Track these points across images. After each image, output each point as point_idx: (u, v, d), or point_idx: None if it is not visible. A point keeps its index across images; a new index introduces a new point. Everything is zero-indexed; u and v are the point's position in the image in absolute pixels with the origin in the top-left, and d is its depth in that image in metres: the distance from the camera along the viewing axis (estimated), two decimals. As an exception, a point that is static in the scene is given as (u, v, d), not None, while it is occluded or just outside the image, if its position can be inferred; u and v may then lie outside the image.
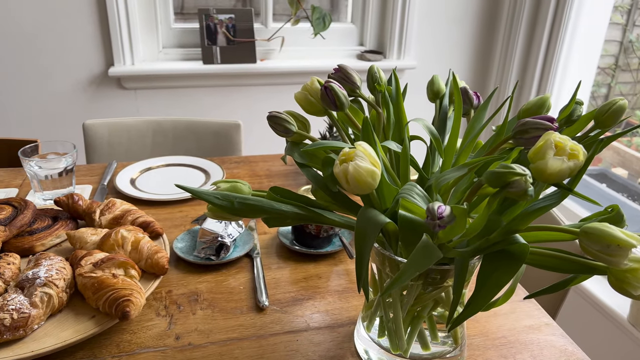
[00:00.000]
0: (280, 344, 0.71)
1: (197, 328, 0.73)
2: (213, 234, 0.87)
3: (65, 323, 0.70)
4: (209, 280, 0.84)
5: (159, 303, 0.78)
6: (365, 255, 0.53)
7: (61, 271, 0.72)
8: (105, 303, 0.69)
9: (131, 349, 0.69)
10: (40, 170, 1.02)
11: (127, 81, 1.91)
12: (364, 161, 0.47)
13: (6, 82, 1.86)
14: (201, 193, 0.56)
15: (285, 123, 0.62)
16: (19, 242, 0.83)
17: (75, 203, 0.90)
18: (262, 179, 1.23)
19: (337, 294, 0.82)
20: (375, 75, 0.67)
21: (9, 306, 0.66)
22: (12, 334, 0.65)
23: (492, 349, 0.72)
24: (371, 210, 0.53)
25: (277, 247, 0.94)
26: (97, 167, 1.25)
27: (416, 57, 2.20)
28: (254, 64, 1.98)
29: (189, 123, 1.50)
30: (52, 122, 1.93)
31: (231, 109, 2.07)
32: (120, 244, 0.81)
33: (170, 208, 1.06)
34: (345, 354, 0.70)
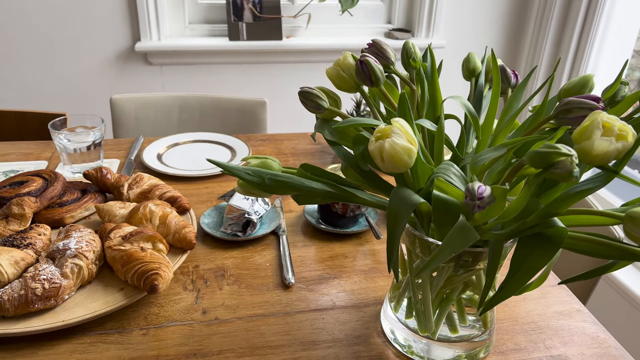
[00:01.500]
0: (306, 321, 0.71)
1: (224, 303, 0.74)
2: (240, 211, 0.86)
3: (94, 294, 0.71)
4: (235, 256, 0.84)
5: (186, 277, 0.78)
6: (396, 235, 0.52)
7: (91, 243, 0.73)
8: (134, 276, 0.70)
9: (159, 322, 0.70)
10: (69, 144, 1.03)
11: (153, 57, 1.91)
12: (401, 138, 0.45)
13: (35, 57, 1.88)
14: (232, 168, 0.56)
15: (317, 99, 0.61)
16: (49, 213, 0.84)
17: (103, 176, 0.91)
18: (288, 157, 1.22)
19: (363, 273, 0.81)
20: (410, 51, 0.65)
21: (40, 276, 0.67)
22: (44, 303, 0.66)
23: (521, 334, 0.71)
24: (404, 189, 0.52)
25: (302, 225, 0.94)
26: (124, 141, 1.26)
27: (445, 36, 2.15)
28: (280, 41, 1.96)
29: (215, 100, 1.50)
30: (79, 97, 1.95)
31: (256, 86, 2.06)
32: (149, 218, 0.81)
33: (196, 184, 1.07)
34: (372, 334, 0.70)
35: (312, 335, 0.69)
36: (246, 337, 0.68)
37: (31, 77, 1.92)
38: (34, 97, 1.94)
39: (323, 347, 0.67)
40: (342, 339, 0.68)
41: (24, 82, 1.92)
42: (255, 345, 0.67)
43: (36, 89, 1.93)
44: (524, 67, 2.23)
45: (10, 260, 0.70)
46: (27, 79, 1.92)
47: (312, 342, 0.68)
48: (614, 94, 0.59)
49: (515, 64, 2.29)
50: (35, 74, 1.91)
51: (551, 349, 0.68)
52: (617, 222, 0.49)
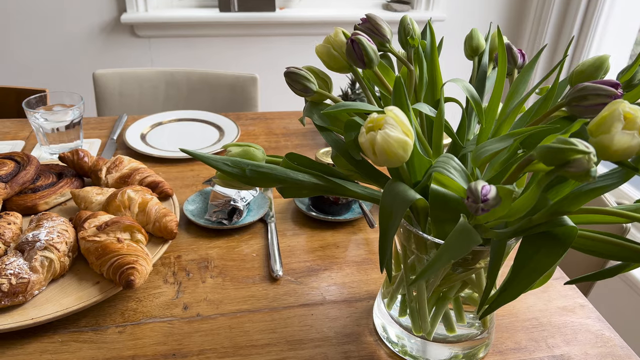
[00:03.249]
0: (294, 317, 0.67)
1: (207, 298, 0.69)
2: (225, 197, 0.81)
3: (67, 289, 0.66)
4: (220, 245, 0.80)
5: (167, 269, 0.74)
6: (390, 233, 0.47)
7: (63, 234, 0.68)
8: (110, 269, 0.65)
9: (137, 319, 0.65)
10: (46, 123, 0.97)
11: (140, 29, 1.83)
12: (395, 130, 0.40)
13: (13, 29, 1.79)
14: (208, 159, 0.50)
15: (304, 80, 0.55)
16: (21, 200, 0.79)
17: (80, 159, 0.85)
18: (279, 138, 1.17)
19: (356, 265, 0.77)
20: (408, 28, 0.59)
21: (7, 270, 0.62)
22: (11, 299, 0.61)
23: (522, 331, 0.67)
24: (399, 184, 0.47)
25: (292, 212, 0.89)
26: (107, 120, 1.20)
27: (446, 9, 2.07)
28: (273, 12, 1.88)
29: (203, 75, 1.43)
30: (61, 71, 1.87)
31: (248, 61, 1.98)
32: (127, 205, 0.76)
33: (181, 166, 1.01)
34: (363, 332, 0.65)
35: (300, 333, 0.65)
36: (229, 336, 0.64)
37: (8, 49, 1.83)
38: (12, 71, 1.86)
39: (311, 346, 0.63)
40: (331, 338, 0.64)
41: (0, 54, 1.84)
42: (239, 344, 0.63)
43: (13, 62, 1.85)
44: (527, 44, 2.15)
45: (-24, 252, 0.65)
46: (4, 52, 1.84)
47: (300, 340, 0.64)
48: (631, 78, 0.54)
49: (518, 41, 2.21)
50: (12, 46, 1.82)
51: (553, 348, 0.64)
52: (630, 221, 0.44)
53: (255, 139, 1.15)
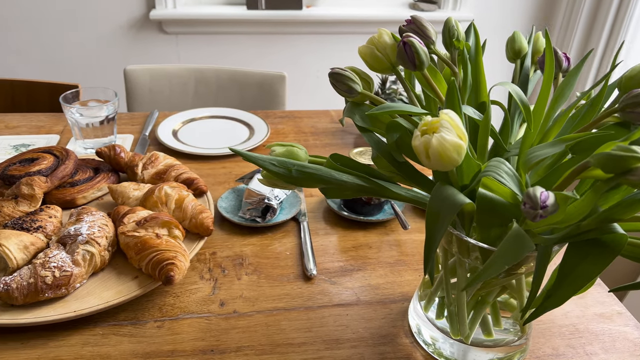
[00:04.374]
0: (329, 317, 0.67)
1: (243, 295, 0.70)
2: (260, 195, 0.82)
3: (107, 282, 0.67)
4: (254, 243, 0.80)
5: (202, 265, 0.75)
6: (437, 237, 0.47)
7: (103, 228, 0.69)
8: (149, 265, 0.66)
9: (174, 314, 0.66)
10: (81, 118, 0.99)
11: (168, 25, 1.84)
12: (450, 133, 0.40)
13: (45, 25, 1.82)
14: (257, 158, 0.51)
15: (349, 81, 0.55)
16: (60, 193, 0.80)
17: (117, 155, 0.87)
18: (308, 136, 1.17)
19: (389, 266, 0.77)
20: (453, 29, 0.59)
21: (50, 263, 0.63)
22: (54, 292, 0.62)
23: (559, 337, 0.66)
24: (448, 187, 0.47)
25: (324, 211, 0.89)
26: (138, 115, 1.21)
27: (473, 9, 2.05)
28: (300, 10, 1.88)
29: (233, 73, 1.43)
30: (91, 67, 1.90)
31: (273, 59, 1.98)
32: (164, 201, 0.77)
33: (213, 163, 1.02)
34: (399, 333, 0.65)
35: (336, 333, 0.65)
36: (266, 333, 0.64)
37: (40, 45, 1.86)
38: (43, 66, 1.89)
39: (347, 346, 0.63)
40: (367, 338, 0.64)
41: (33, 50, 1.87)
42: (276, 342, 0.63)
43: (45, 57, 1.88)
44: (555, 45, 2.12)
45: (20, 245, 0.66)
46: (36, 47, 1.87)
47: (336, 340, 0.64)
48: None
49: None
50: (44, 42, 1.85)
51: (591, 356, 0.63)
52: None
53: (285, 137, 1.16)
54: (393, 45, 0.57)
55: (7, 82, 1.33)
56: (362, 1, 2.01)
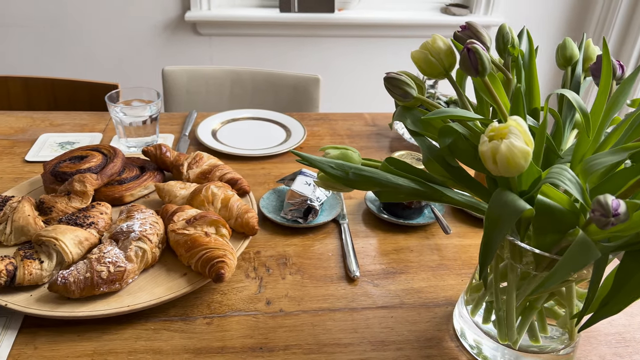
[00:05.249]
0: (374, 319, 0.68)
1: (288, 294, 0.71)
2: (302, 197, 0.83)
3: (158, 279, 0.69)
4: (296, 243, 0.81)
5: (247, 264, 0.76)
6: (496, 242, 0.47)
7: (154, 226, 0.71)
8: (198, 262, 0.68)
9: (222, 311, 0.67)
10: (125, 117, 1.01)
11: (202, 27, 1.87)
12: (519, 140, 0.40)
13: (85, 25, 1.87)
14: (316, 161, 0.52)
15: (405, 86, 0.56)
16: (109, 191, 0.82)
17: (163, 154, 0.89)
18: (344, 139, 1.18)
19: (431, 270, 0.77)
20: (507, 36, 0.59)
21: (105, 259, 0.65)
22: (109, 287, 0.64)
23: (605, 345, 0.66)
24: (507, 193, 0.47)
25: (363, 213, 0.90)
26: (177, 115, 1.23)
27: (505, 13, 2.04)
28: (332, 13, 1.89)
29: (268, 75, 1.45)
30: (125, 66, 1.94)
31: (305, 61, 2.00)
32: (210, 200, 0.78)
33: (252, 164, 1.03)
34: (444, 337, 0.66)
35: (381, 334, 0.65)
36: (312, 333, 0.65)
37: (78, 44, 1.90)
38: (80, 65, 1.93)
39: (393, 348, 0.64)
40: (412, 341, 0.65)
41: (69, 49, 1.91)
42: (322, 342, 0.64)
43: (83, 57, 1.92)
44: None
45: (75, 240, 0.68)
46: (75, 47, 1.91)
47: (382, 342, 0.64)
48: None
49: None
50: (82, 41, 1.89)
51: (640, 366, 0.63)
52: None
53: (321, 140, 1.17)
54: (447, 50, 0.57)
55: (49, 81, 1.37)
56: (393, 5, 2.01)
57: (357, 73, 2.05)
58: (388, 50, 2.02)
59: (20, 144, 1.06)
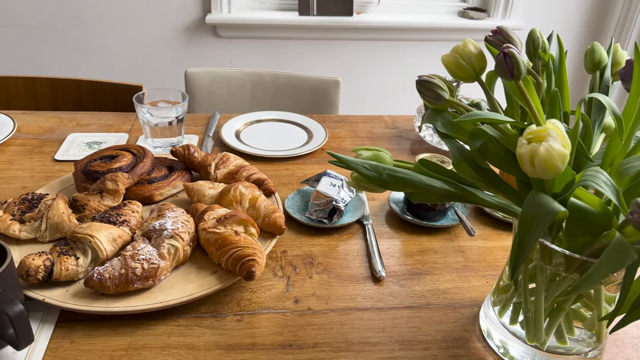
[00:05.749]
0: (401, 318, 0.69)
1: (315, 293, 0.72)
2: (327, 197, 0.84)
3: (189, 276, 0.70)
4: (321, 243, 0.82)
5: (275, 263, 0.77)
6: (529, 243, 0.48)
7: (186, 224, 0.72)
8: (229, 260, 0.69)
9: (252, 309, 0.69)
10: (151, 118, 1.03)
11: (222, 29, 1.89)
12: (557, 142, 0.41)
13: (108, 27, 1.90)
14: (350, 161, 0.53)
15: (438, 89, 0.57)
16: (139, 190, 0.84)
17: (191, 155, 0.90)
18: (365, 141, 1.19)
19: (456, 271, 0.78)
20: (537, 40, 0.60)
21: (139, 256, 0.66)
22: (142, 283, 0.66)
23: (632, 348, 0.66)
24: (542, 195, 0.48)
25: (387, 214, 0.91)
26: (201, 117, 1.25)
27: (524, 17, 2.04)
28: (350, 17, 1.91)
29: (288, 77, 1.47)
30: (146, 67, 1.96)
31: (323, 64, 2.01)
32: (239, 200, 0.80)
33: (276, 165, 1.05)
34: (471, 337, 0.67)
35: (408, 334, 0.66)
36: (341, 331, 0.66)
37: (101, 46, 1.94)
38: (103, 66, 1.96)
39: (420, 347, 0.65)
40: (439, 341, 0.66)
41: (93, 50, 1.95)
42: (351, 340, 0.65)
43: (105, 58, 1.95)
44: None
45: (109, 237, 0.70)
46: (97, 49, 1.94)
47: (409, 341, 0.65)
48: None
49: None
50: (104, 43, 1.92)
51: (667, 369, 0.63)
52: None
53: (342, 142, 1.18)
54: (478, 54, 0.58)
55: (75, 82, 1.39)
56: (411, 9, 2.02)
57: (375, 76, 2.06)
58: (406, 54, 2.03)
59: (49, 143, 1.08)
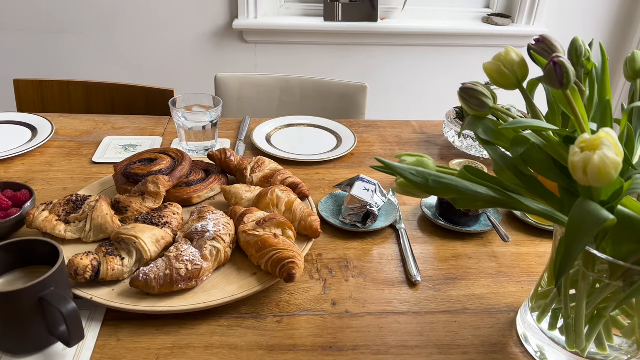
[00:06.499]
0: (438, 323, 0.69)
1: (352, 296, 0.73)
2: (362, 202, 0.85)
3: (229, 277, 0.72)
4: (355, 247, 0.83)
5: (311, 266, 0.78)
6: (577, 251, 0.49)
7: (227, 226, 0.74)
8: (268, 262, 0.70)
9: (291, 310, 0.70)
10: (186, 122, 1.05)
11: (248, 35, 1.92)
12: (611, 151, 0.42)
13: (134, 30, 1.93)
14: (398, 167, 0.54)
15: (482, 96, 0.58)
16: (178, 192, 0.86)
17: (227, 159, 0.92)
18: (393, 146, 1.20)
19: (491, 277, 0.78)
20: (580, 49, 0.60)
21: (183, 257, 0.68)
22: (186, 283, 0.67)
23: (671, 357, 0.66)
24: (590, 203, 0.48)
25: (419, 219, 0.92)
26: (231, 121, 1.27)
27: (547, 23, 2.03)
28: (375, 22, 1.92)
29: (316, 82, 1.48)
30: (173, 71, 2.00)
31: (348, 69, 2.03)
32: (275, 203, 0.81)
33: (307, 169, 1.06)
34: (508, 343, 0.67)
35: (447, 338, 0.67)
36: (379, 334, 0.67)
37: (128, 50, 1.97)
38: (132, 70, 2.00)
39: (459, 352, 0.65)
40: (477, 345, 0.66)
41: (121, 54, 1.99)
42: (389, 343, 0.66)
43: (134, 62, 1.99)
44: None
45: (152, 238, 0.72)
46: (124, 52, 1.98)
47: (448, 345, 0.66)
48: None
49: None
50: (134, 47, 1.96)
51: None
52: None
53: (371, 147, 1.19)
54: (520, 62, 0.59)
55: (107, 86, 1.43)
56: (435, 14, 2.03)
57: (400, 81, 2.07)
58: (430, 59, 2.03)
59: (86, 145, 1.11)
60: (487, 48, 2.04)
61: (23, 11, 1.93)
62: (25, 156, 1.05)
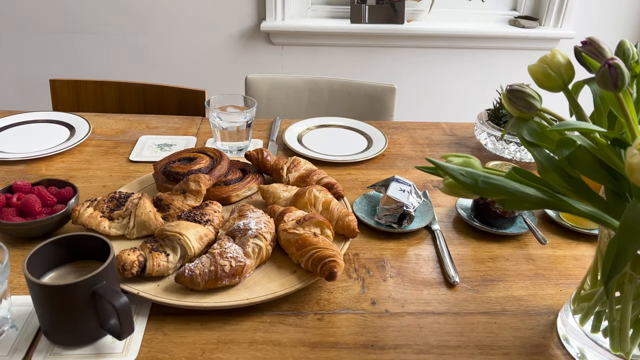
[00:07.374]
0: (478, 324, 0.70)
1: (391, 296, 0.74)
2: (398, 203, 0.86)
3: (270, 275, 0.73)
4: (392, 247, 0.84)
5: (349, 265, 0.79)
6: (630, 253, 0.49)
7: (268, 225, 0.75)
8: (309, 261, 0.71)
9: (331, 308, 0.71)
10: (221, 122, 1.06)
11: (275, 36, 1.93)
12: (670, 153, 0.42)
13: (164, 31, 1.96)
14: (448, 168, 0.54)
15: (530, 98, 0.58)
16: (217, 191, 0.87)
17: (264, 159, 0.93)
18: (424, 148, 1.20)
19: (528, 279, 0.78)
20: (628, 51, 0.60)
21: (227, 254, 0.69)
22: (230, 280, 0.69)
23: None
24: (643, 205, 0.48)
25: (454, 221, 0.92)
26: (263, 122, 1.29)
27: (576, 26, 2.01)
28: (401, 24, 1.92)
29: (344, 84, 1.49)
30: (202, 72, 2.02)
31: (375, 71, 2.04)
32: (313, 203, 0.82)
33: (340, 169, 1.07)
34: (549, 345, 0.67)
35: (487, 339, 0.67)
36: (420, 334, 0.68)
37: (159, 50, 2.00)
38: (163, 71, 2.03)
39: (500, 353, 0.65)
40: (518, 347, 0.66)
41: (152, 55, 2.02)
42: (430, 343, 0.66)
43: (164, 63, 2.02)
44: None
45: (196, 235, 0.73)
46: (154, 53, 2.01)
47: (488, 346, 0.66)
48: None
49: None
50: (164, 48, 1.99)
51: None
52: None
53: (401, 148, 1.19)
54: (566, 64, 0.59)
55: (140, 86, 1.45)
56: (462, 17, 2.02)
57: (426, 83, 2.07)
58: (456, 61, 2.03)
59: (122, 144, 1.13)
60: (513, 51, 2.03)
61: (58, 14, 1.97)
62: (65, 154, 1.08)
